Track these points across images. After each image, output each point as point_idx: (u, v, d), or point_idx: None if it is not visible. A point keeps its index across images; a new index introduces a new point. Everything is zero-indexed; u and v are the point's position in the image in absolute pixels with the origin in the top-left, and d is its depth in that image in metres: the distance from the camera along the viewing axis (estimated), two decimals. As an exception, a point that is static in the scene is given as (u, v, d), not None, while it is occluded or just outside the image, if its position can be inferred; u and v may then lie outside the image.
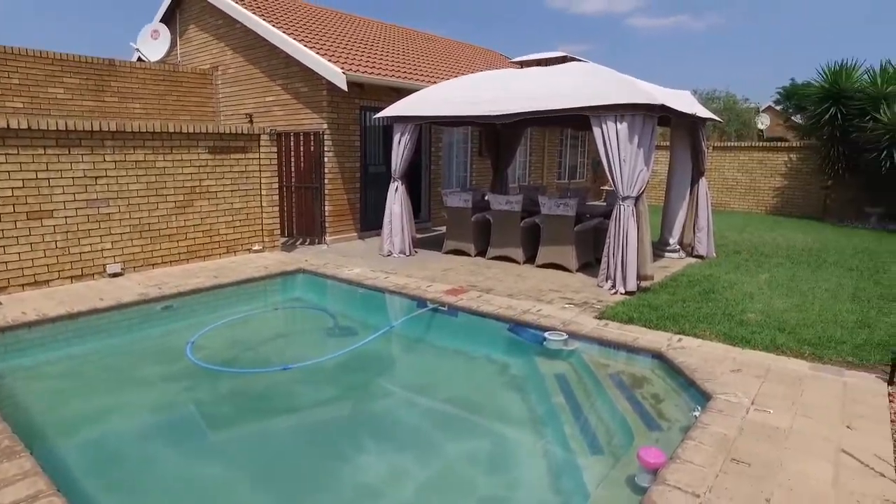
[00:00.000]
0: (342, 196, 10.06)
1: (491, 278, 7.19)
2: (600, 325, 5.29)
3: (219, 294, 6.70)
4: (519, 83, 7.59)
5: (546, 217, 7.61)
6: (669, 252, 8.47)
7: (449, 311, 6.08)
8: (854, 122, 13.17)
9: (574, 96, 6.62)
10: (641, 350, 4.75)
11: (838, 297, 6.42)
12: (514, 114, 7.03)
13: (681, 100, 7.46)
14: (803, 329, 5.22)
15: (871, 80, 13.38)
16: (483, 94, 7.60)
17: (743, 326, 5.25)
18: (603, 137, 6.35)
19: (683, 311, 5.69)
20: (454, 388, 4.68)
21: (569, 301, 6.10)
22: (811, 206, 15.28)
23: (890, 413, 3.65)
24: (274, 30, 9.90)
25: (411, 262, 8.30)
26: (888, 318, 5.66)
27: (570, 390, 4.41)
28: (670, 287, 6.65)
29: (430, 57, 13.30)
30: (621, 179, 6.27)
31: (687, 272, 7.47)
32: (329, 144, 9.68)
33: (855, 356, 4.58)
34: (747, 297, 6.31)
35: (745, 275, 7.44)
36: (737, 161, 16.49)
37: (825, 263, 8.37)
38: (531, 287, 6.72)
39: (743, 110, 34.97)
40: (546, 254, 7.70)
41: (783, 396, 3.83)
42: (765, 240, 10.71)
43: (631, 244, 6.26)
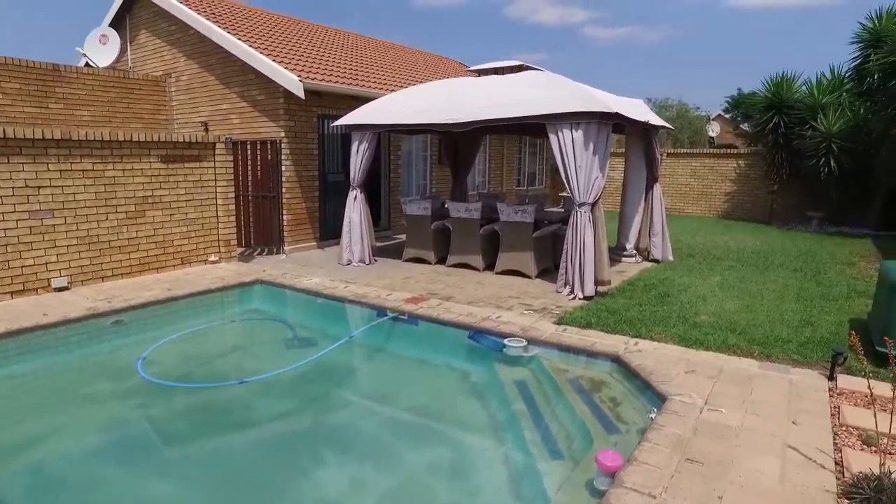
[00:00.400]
0: (300, 205, 9.94)
1: (451, 286, 7.20)
2: (559, 330, 5.36)
3: (173, 307, 6.51)
4: (476, 91, 7.65)
5: (505, 224, 7.68)
6: (626, 257, 8.66)
7: (409, 319, 6.06)
8: (795, 131, 13.78)
9: (530, 105, 6.72)
10: (599, 354, 4.83)
11: (784, 297, 6.68)
12: (471, 122, 7.08)
13: (634, 108, 7.66)
14: (753, 329, 5.40)
15: (808, 92, 14.04)
16: (440, 103, 7.63)
17: (697, 328, 5.41)
18: (559, 145, 6.46)
19: (640, 314, 5.82)
20: (415, 397, 4.66)
21: (528, 307, 6.16)
22: (759, 211, 15.87)
23: (830, 407, 3.80)
24: (229, 36, 9.73)
25: (371, 270, 8.24)
26: (828, 316, 5.92)
27: (530, 396, 4.44)
28: (627, 291, 6.79)
29: (388, 65, 13.31)
30: (577, 186, 6.39)
31: (643, 276, 7.65)
32: (286, 153, 9.56)
33: (799, 354, 4.76)
34: (700, 299, 6.49)
35: (699, 277, 7.67)
36: (689, 167, 17.01)
37: (772, 265, 8.70)
38: (491, 294, 6.77)
39: (694, 118, 36.15)
40: (505, 260, 7.77)
41: (734, 395, 3.95)
42: (717, 243, 11.07)
43: (588, 250, 6.37)
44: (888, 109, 11.72)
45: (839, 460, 3.17)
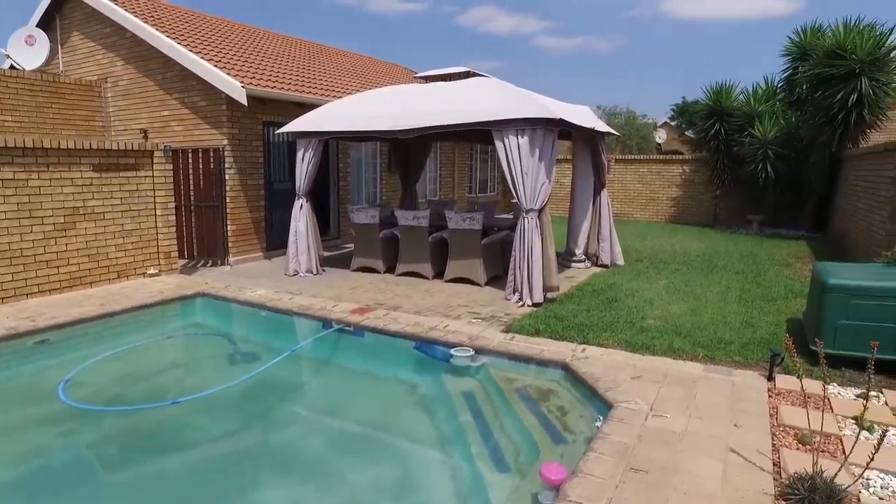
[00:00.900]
0: (246, 214, 9.63)
1: (399, 295, 7.08)
2: (507, 338, 5.30)
3: (106, 324, 6.16)
4: (422, 98, 7.58)
5: (453, 231, 7.61)
6: (575, 262, 8.72)
7: (355, 331, 5.90)
8: (735, 137, 14.30)
9: (476, 111, 6.69)
10: (547, 362, 4.79)
11: (727, 299, 6.83)
12: (417, 129, 7.00)
13: (580, 114, 7.73)
14: (698, 332, 5.48)
15: (745, 100, 14.61)
16: (386, 110, 7.52)
17: (643, 333, 5.44)
18: (505, 151, 6.44)
19: (588, 320, 5.83)
20: (360, 411, 4.50)
21: (476, 315, 6.09)
22: (703, 215, 16.36)
23: (769, 408, 3.86)
24: (167, 40, 9.37)
25: (318, 281, 8.03)
26: (768, 317, 6.07)
27: (478, 407, 4.36)
28: (576, 297, 6.82)
29: (335, 71, 13.11)
30: (524, 193, 6.38)
31: (592, 281, 7.70)
32: (230, 161, 9.25)
33: (741, 356, 4.85)
34: (647, 303, 6.57)
35: (646, 282, 7.78)
36: (637, 173, 17.40)
37: (716, 268, 8.92)
38: (439, 303, 6.67)
39: (642, 125, 37.19)
40: (454, 268, 7.69)
41: (679, 400, 3.96)
42: (664, 247, 11.30)
43: (536, 256, 6.36)
44: (816, 118, 12.27)
45: (777, 461, 3.20)
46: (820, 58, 11.98)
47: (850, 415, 3.74)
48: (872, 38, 11.45)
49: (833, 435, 3.48)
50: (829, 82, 11.78)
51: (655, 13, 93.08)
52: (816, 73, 11.96)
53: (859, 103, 11.54)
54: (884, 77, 11.57)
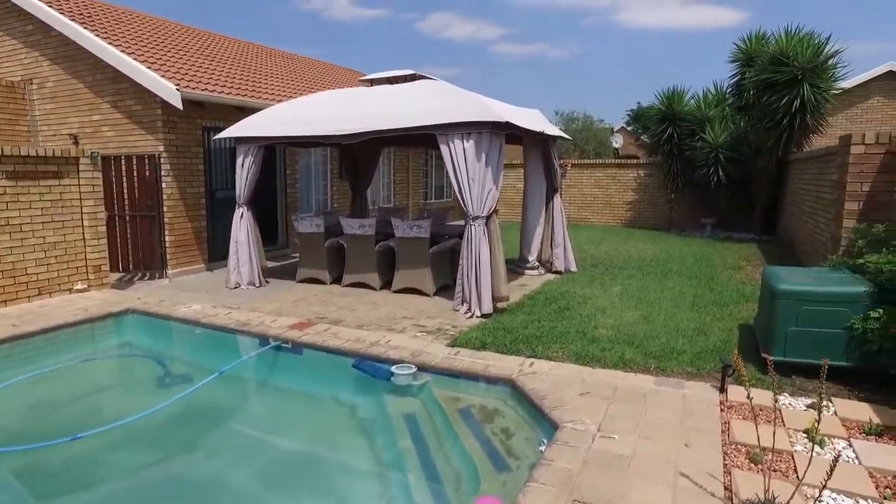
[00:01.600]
0: (185, 224, 9.10)
1: (343, 308, 6.72)
2: (452, 353, 5.01)
3: (17, 347, 5.61)
4: (367, 102, 7.27)
5: (400, 240, 7.29)
6: (529, 269, 8.52)
7: (293, 347, 5.52)
8: (687, 141, 14.44)
9: (421, 114, 6.41)
10: (493, 379, 4.52)
11: (680, 305, 6.71)
12: (358, 133, 6.68)
13: (530, 118, 7.54)
14: (650, 341, 5.30)
15: (697, 105, 14.79)
16: (327, 114, 7.18)
17: (595, 344, 5.23)
18: (450, 156, 6.17)
19: (538, 331, 5.59)
20: (291, 439, 4.14)
21: (422, 329, 5.79)
22: (659, 218, 16.47)
23: (720, 423, 3.67)
24: (97, 40, 8.78)
25: (260, 294, 7.60)
26: (720, 323, 5.96)
27: (418, 432, 4.05)
28: (527, 306, 6.59)
29: (279, 74, 12.63)
30: (471, 199, 6.12)
31: (544, 289, 7.50)
32: (167, 168, 8.72)
33: (693, 366, 4.68)
34: (600, 311, 6.38)
35: (600, 288, 7.61)
36: (593, 177, 17.42)
37: (670, 272, 8.85)
38: (385, 315, 6.34)
39: (599, 130, 37.69)
40: (402, 278, 7.38)
41: (628, 417, 3.73)
42: (619, 252, 11.23)
43: (484, 265, 6.10)
44: (763, 123, 12.47)
45: (728, 485, 2.99)
46: (765, 64, 12.19)
47: (801, 428, 3.58)
48: (812, 45, 11.72)
49: (785, 451, 3.30)
50: (773, 88, 11.98)
51: (610, 21, 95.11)
52: (762, 78, 12.14)
53: (802, 108, 11.76)
54: (823, 84, 11.84)
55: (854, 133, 5.60)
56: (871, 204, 5.54)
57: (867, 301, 4.28)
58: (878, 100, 19.44)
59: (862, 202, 5.58)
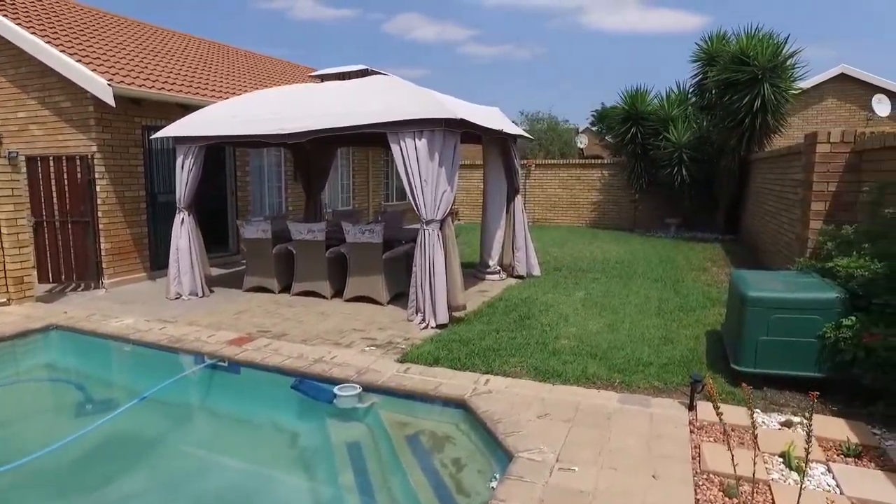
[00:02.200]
0: (123, 231, 8.45)
1: (290, 319, 6.23)
2: (401, 370, 4.59)
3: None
4: (315, 99, 6.81)
5: (352, 245, 6.84)
6: (490, 274, 8.15)
7: (229, 366, 5.02)
8: (651, 141, 14.32)
9: (370, 112, 5.97)
10: (445, 399, 4.11)
11: (645, 311, 6.43)
12: (302, 133, 6.21)
13: (488, 116, 7.18)
14: (614, 352, 4.98)
15: (660, 104, 14.70)
16: (273, 111, 6.69)
17: (556, 356, 4.88)
18: (402, 156, 5.76)
19: (496, 343, 5.22)
20: (218, 474, 3.67)
21: (371, 342, 5.35)
22: (623, 218, 16.35)
23: (691, 448, 3.34)
24: (17, 28, 8.08)
25: (202, 305, 7.05)
26: (686, 330, 5.69)
27: (361, 464, 3.62)
28: (486, 315, 6.21)
29: (227, 71, 11.94)
30: (423, 202, 5.71)
31: (505, 296, 7.14)
32: (101, 170, 8.07)
33: (660, 379, 4.36)
34: (562, 319, 6.05)
35: (563, 294, 7.30)
36: (558, 178, 17.21)
37: (635, 275, 8.61)
38: (333, 327, 5.88)
39: (564, 131, 37.72)
40: (354, 286, 6.93)
41: (591, 444, 3.38)
42: (583, 254, 10.98)
43: (439, 272, 5.70)
44: (725, 122, 12.41)
45: (703, 525, 2.65)
46: (726, 63, 12.12)
47: (776, 451, 3.28)
48: (771, 46, 11.71)
49: (761, 481, 2.98)
50: (735, 87, 11.92)
51: (574, 23, 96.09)
52: (724, 77, 12.08)
53: (763, 108, 11.73)
54: (783, 84, 11.85)
55: (819, 131, 5.40)
56: (838, 204, 5.34)
57: (839, 308, 4.03)
58: (831, 101, 19.76)
59: (828, 202, 5.38)
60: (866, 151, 5.17)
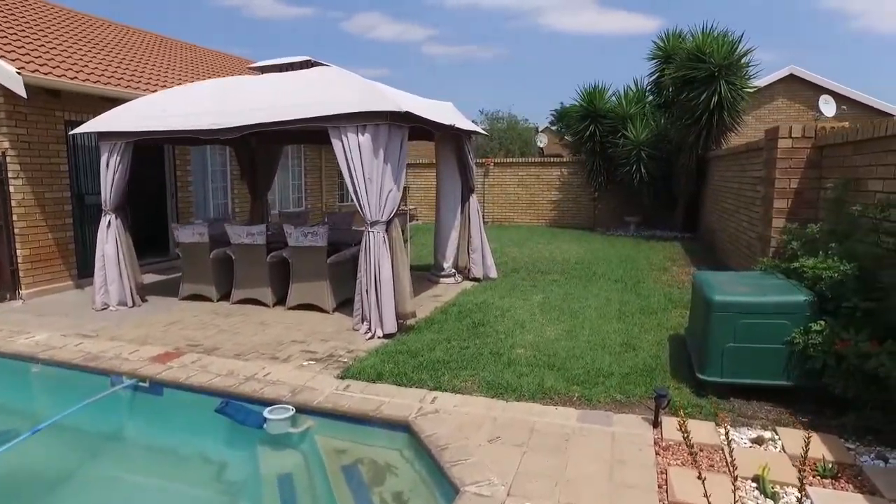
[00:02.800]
0: (45, 235, 7.73)
1: (225, 331, 5.70)
2: (341, 388, 4.15)
3: None
4: (251, 91, 6.29)
5: (294, 250, 6.35)
6: (444, 277, 7.76)
7: (151, 387, 4.49)
8: (610, 139, 14.19)
9: (310, 105, 5.51)
10: (387, 421, 3.70)
11: (606, 315, 6.14)
12: (239, 127, 5.70)
13: (440, 110, 6.79)
14: (573, 362, 4.65)
15: (618, 102, 14.59)
16: (204, 105, 6.15)
17: (510, 368, 4.52)
18: (344, 152, 5.31)
19: (446, 354, 4.83)
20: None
21: (312, 355, 4.89)
22: (583, 217, 16.22)
23: (657, 474, 3.01)
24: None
25: (131, 316, 6.44)
26: (649, 334, 5.41)
27: (291, 499, 3.17)
28: (437, 322, 5.81)
29: (164, 63, 11.16)
30: (367, 202, 5.27)
31: (459, 300, 6.76)
32: (16, 169, 7.34)
33: (622, 392, 4.05)
34: (519, 326, 5.70)
35: (520, 298, 6.96)
36: (517, 176, 16.97)
37: (595, 276, 8.35)
38: (271, 339, 5.39)
39: (524, 130, 37.68)
40: (297, 293, 6.44)
41: (547, 473, 3.01)
42: (542, 254, 10.70)
43: (385, 279, 5.28)
44: (683, 120, 12.36)
45: (673, 570, 2.31)
46: (683, 60, 12.06)
47: (748, 474, 2.98)
48: (726, 43, 11.70)
49: (735, 511, 2.66)
50: (692, 84, 11.86)
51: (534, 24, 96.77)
52: (681, 74, 12.01)
53: (720, 105, 11.71)
54: (738, 81, 11.86)
55: (780, 126, 5.20)
56: (800, 202, 5.15)
57: (807, 311, 3.78)
58: (781, 101, 20.14)
59: (790, 200, 5.18)
60: (827, 147, 4.99)
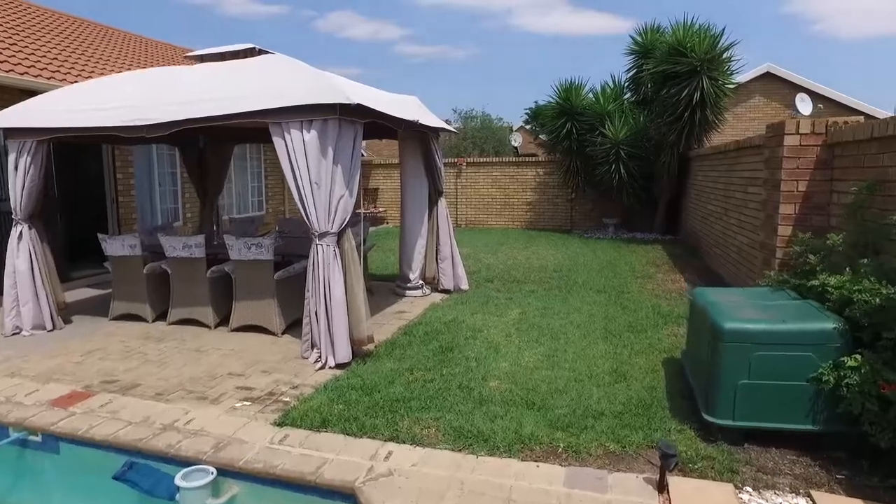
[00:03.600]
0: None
1: (152, 361, 4.87)
2: (276, 439, 3.39)
3: None
4: (186, 83, 5.47)
5: (237, 264, 5.55)
6: (410, 290, 7.02)
7: (44, 440, 3.67)
8: (587, 137, 13.59)
9: (248, 97, 4.72)
10: (328, 489, 2.95)
11: (590, 334, 5.47)
12: (168, 123, 4.88)
13: (402, 105, 6.06)
14: (556, 398, 3.96)
15: (595, 99, 14.01)
16: (132, 98, 5.30)
17: (482, 407, 3.81)
18: (287, 152, 4.54)
19: (408, 389, 4.09)
20: None
21: (248, 393, 4.10)
22: (560, 219, 15.65)
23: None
24: None
25: (46, 342, 5.56)
26: (640, 358, 4.76)
27: None
28: (400, 346, 5.08)
29: (99, 53, 10.00)
30: (314, 209, 4.51)
31: (426, 318, 6.03)
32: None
33: (616, 439, 3.36)
34: (493, 350, 4.99)
35: (494, 314, 6.26)
36: (491, 177, 16.32)
37: (575, 286, 7.70)
38: (204, 371, 4.58)
39: (498, 129, 37.11)
40: (241, 313, 5.64)
41: (526, 566, 2.31)
42: (518, 260, 10.04)
43: (337, 299, 4.52)
44: (664, 117, 11.83)
45: None
46: (663, 55, 11.54)
47: (788, 564, 2.31)
48: (708, 37, 11.22)
49: None
50: (673, 80, 11.36)
51: (506, 25, 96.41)
52: (661, 70, 11.49)
53: (702, 102, 11.21)
54: (721, 77, 11.39)
55: (787, 120, 4.58)
56: (809, 207, 4.54)
57: (837, 342, 3.14)
58: (759, 99, 19.91)
59: (798, 204, 4.57)
60: (840, 145, 4.39)
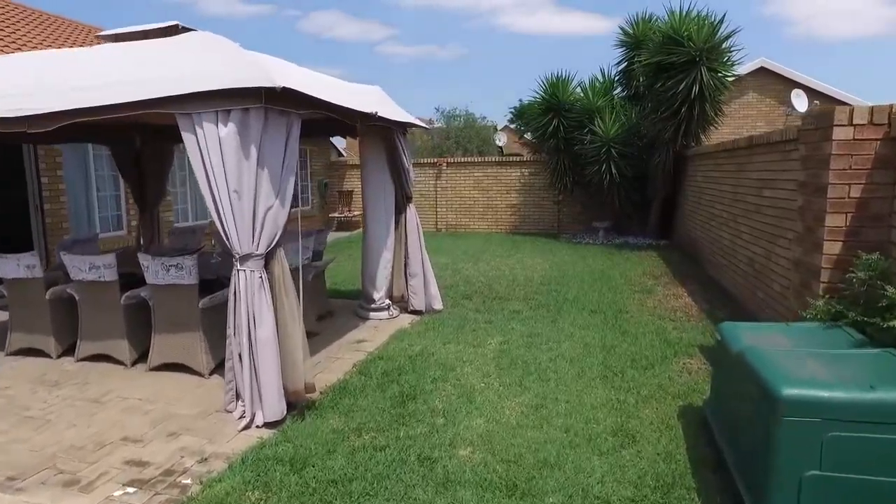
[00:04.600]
0: None
1: (32, 419, 3.81)
2: (146, 567, 2.38)
3: None
4: (83, 65, 4.41)
5: (154, 289, 4.52)
6: (375, 311, 6.01)
7: None
8: (575, 135, 12.67)
9: (154, 81, 3.70)
10: None
11: (586, 372, 4.51)
12: (56, 114, 3.85)
13: (360, 95, 5.06)
14: (545, 476, 2.99)
15: (584, 93, 13.11)
16: (13, 86, 4.25)
17: (447, 494, 2.83)
18: (199, 151, 3.52)
19: (351, 463, 3.10)
20: None
21: (138, 471, 3.06)
22: (546, 222, 14.73)
23: None
24: None
25: (-84, 387, 4.48)
26: (649, 407, 3.81)
27: None
28: (351, 391, 4.07)
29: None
30: (234, 226, 3.49)
31: (389, 350, 5.03)
32: None
33: (630, 548, 2.40)
34: (466, 398, 4.01)
35: (471, 343, 5.27)
36: (473, 178, 15.35)
37: (566, 303, 6.75)
38: (92, 435, 3.53)
39: (482, 128, 36.20)
40: (162, 349, 4.60)
41: None
42: (502, 271, 9.08)
43: (263, 340, 3.50)
44: (658, 112, 10.94)
45: None
46: (657, 45, 10.64)
47: None
48: (707, 25, 10.34)
49: None
50: (668, 71, 10.45)
51: (491, 25, 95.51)
52: (655, 61, 10.58)
53: (700, 95, 10.32)
54: (721, 69, 10.53)
55: (836, 108, 3.64)
56: (864, 217, 3.61)
57: (944, 416, 2.21)
58: (752, 95, 19.14)
59: (850, 215, 3.64)
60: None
